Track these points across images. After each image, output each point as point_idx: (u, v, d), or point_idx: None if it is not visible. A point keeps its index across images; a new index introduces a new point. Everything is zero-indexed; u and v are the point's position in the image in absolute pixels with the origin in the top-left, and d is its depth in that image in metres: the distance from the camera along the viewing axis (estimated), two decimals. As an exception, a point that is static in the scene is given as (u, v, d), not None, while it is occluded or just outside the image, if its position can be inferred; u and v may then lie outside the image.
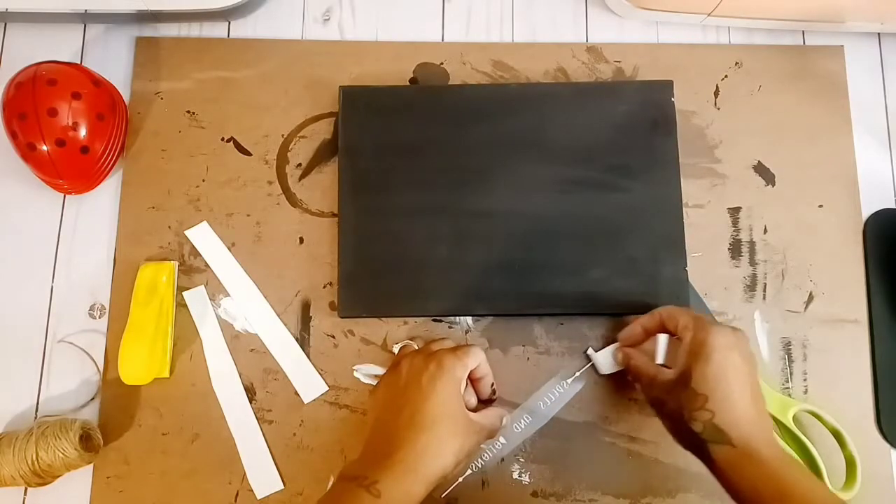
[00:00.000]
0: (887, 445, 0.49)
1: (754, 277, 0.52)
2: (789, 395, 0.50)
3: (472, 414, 0.43)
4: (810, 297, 0.52)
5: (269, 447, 0.49)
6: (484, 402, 0.47)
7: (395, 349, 0.51)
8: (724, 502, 0.49)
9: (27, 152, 0.49)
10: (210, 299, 0.52)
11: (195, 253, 0.53)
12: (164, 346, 0.50)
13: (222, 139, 0.55)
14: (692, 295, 0.50)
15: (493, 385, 0.47)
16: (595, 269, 0.50)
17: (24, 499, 0.49)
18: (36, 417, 0.50)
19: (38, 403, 0.51)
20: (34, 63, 0.50)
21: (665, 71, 0.55)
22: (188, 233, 0.53)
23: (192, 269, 0.52)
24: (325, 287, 0.52)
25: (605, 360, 0.49)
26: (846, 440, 0.47)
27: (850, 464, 0.47)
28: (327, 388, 0.50)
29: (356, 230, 0.51)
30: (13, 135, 0.49)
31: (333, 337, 0.51)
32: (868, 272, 0.52)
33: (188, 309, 0.51)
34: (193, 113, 0.55)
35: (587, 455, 0.49)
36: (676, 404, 0.41)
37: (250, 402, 0.50)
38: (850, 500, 0.46)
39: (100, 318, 0.52)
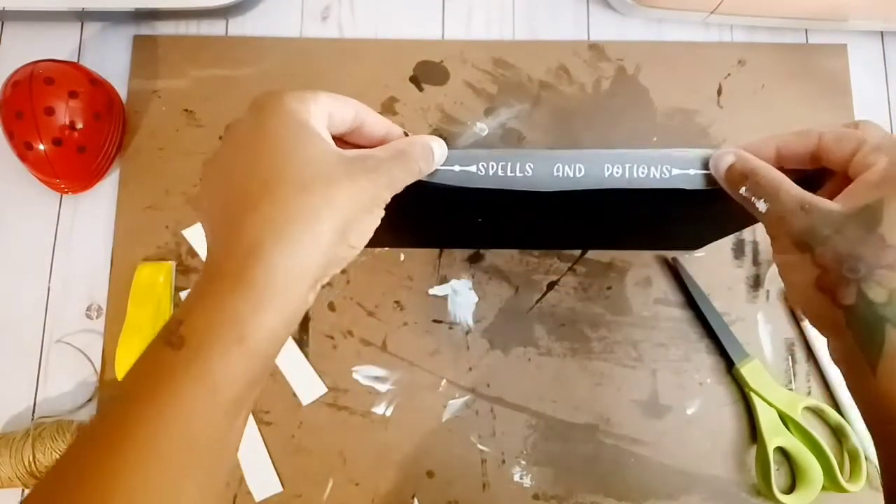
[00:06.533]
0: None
1: (757, 278, 0.52)
2: (792, 397, 0.50)
3: (352, 151, 0.27)
4: (813, 298, 0.52)
5: (267, 449, 0.49)
6: None
7: None
8: (726, 505, 0.48)
9: (24, 151, 0.49)
10: (208, 300, 0.51)
11: (193, 253, 0.52)
12: (162, 346, 0.49)
13: (220, 138, 0.54)
14: (696, 295, 0.50)
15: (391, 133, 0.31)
16: None
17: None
18: (33, 419, 0.50)
19: (34, 404, 0.50)
20: (31, 62, 0.49)
21: (667, 69, 0.55)
22: (185, 232, 0.52)
23: (189, 268, 0.52)
24: (324, 287, 0.52)
25: (695, 169, 0.32)
26: (848, 433, 0.47)
27: (854, 457, 0.47)
28: (326, 390, 0.50)
29: None
30: (10, 134, 0.48)
31: (332, 338, 0.51)
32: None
33: (186, 309, 0.51)
34: (191, 111, 0.55)
35: (589, 457, 0.49)
36: (836, 254, 0.26)
37: (249, 404, 0.50)
38: (858, 493, 0.46)
39: (97, 318, 0.51)
